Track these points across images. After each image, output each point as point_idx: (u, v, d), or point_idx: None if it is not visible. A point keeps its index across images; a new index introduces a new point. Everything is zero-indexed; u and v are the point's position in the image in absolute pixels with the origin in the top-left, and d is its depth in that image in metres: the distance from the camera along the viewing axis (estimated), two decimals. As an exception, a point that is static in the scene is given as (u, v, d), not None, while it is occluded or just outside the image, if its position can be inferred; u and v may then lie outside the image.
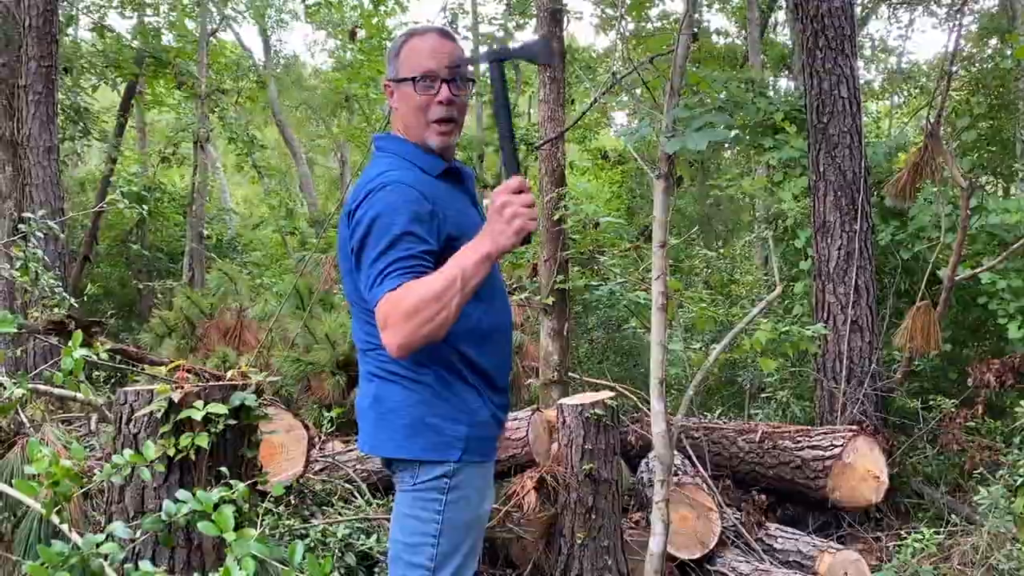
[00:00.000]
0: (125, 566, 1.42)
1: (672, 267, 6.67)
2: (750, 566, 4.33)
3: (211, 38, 14.90)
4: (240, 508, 1.51)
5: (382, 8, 15.42)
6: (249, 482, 1.87)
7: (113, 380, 4.04)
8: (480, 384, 2.21)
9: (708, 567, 4.42)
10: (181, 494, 1.53)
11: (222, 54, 16.40)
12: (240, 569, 1.21)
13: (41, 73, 7.64)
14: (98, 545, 1.35)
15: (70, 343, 1.68)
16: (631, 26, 13.21)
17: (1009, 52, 9.28)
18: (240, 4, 16.85)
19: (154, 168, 12.67)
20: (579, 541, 4.03)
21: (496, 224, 1.91)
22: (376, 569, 3.35)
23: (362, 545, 3.20)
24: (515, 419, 4.45)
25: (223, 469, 2.07)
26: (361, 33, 16.13)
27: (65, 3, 12.05)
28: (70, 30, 13.90)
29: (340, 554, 3.19)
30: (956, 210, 6.12)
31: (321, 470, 4.33)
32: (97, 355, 1.97)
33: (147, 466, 1.72)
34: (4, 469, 2.67)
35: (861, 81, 7.72)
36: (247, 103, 16.05)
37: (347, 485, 4.23)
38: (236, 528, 1.32)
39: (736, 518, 4.78)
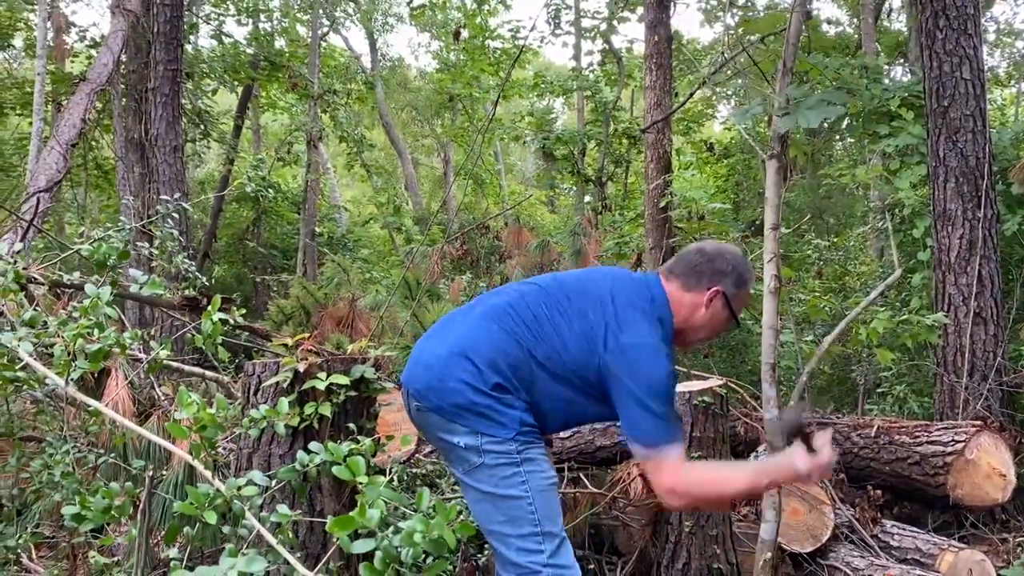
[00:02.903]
0: (260, 515, 1.51)
1: (783, 257, 6.51)
2: (865, 561, 4.20)
3: (322, 42, 15.42)
4: (368, 460, 1.58)
5: (485, 7, 15.60)
6: (374, 437, 1.95)
7: (236, 361, 4.24)
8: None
9: (820, 561, 4.31)
10: (314, 445, 1.62)
11: (332, 58, 16.94)
12: (373, 507, 1.27)
13: (168, 76, 8.09)
14: (239, 488, 1.44)
15: (209, 308, 1.79)
16: (737, 17, 12.94)
17: None
18: (348, 7, 17.35)
19: (269, 168, 13.21)
20: (687, 529, 3.98)
21: (793, 477, 2.34)
22: (485, 546, 3.41)
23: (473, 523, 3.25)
24: (622, 406, 4.44)
25: (351, 425, 2.16)
26: (464, 33, 16.36)
27: (187, 12, 12.68)
28: (191, 37, 14.63)
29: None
30: (1091, 196, 5.77)
31: (431, 451, 4.42)
32: (233, 320, 2.09)
33: (281, 420, 1.82)
34: (142, 439, 2.84)
35: (985, 66, 7.34)
36: (356, 104, 16.53)
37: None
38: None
39: (850, 514, 4.64)
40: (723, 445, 4.16)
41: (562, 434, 4.46)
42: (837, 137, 12.89)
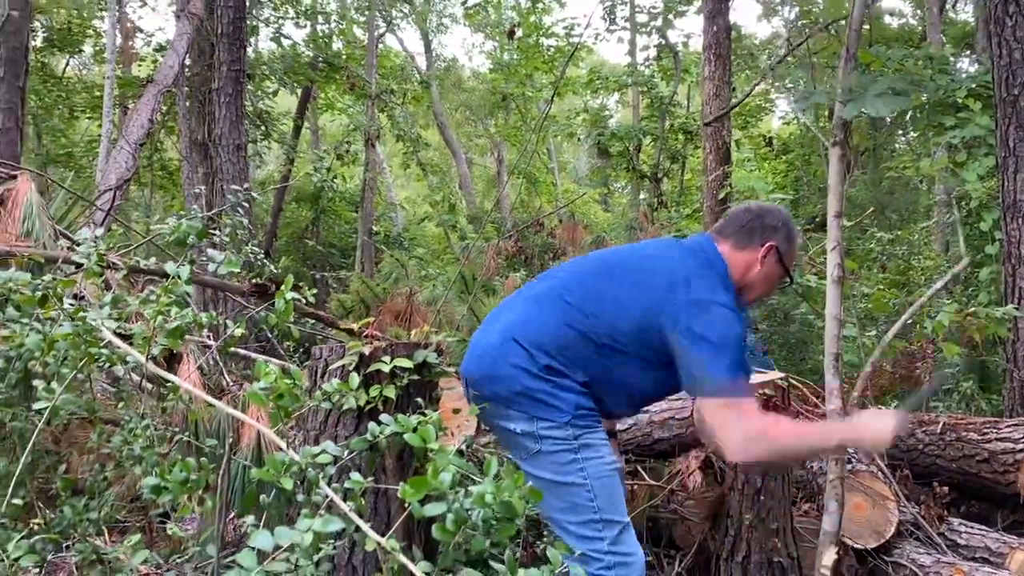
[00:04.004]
0: (332, 486, 1.55)
1: (847, 249, 6.40)
2: (931, 558, 4.11)
3: (378, 43, 15.63)
4: (438, 428, 1.62)
5: (539, 5, 15.63)
6: (439, 411, 1.99)
7: (301, 350, 4.34)
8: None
9: (884, 558, 4.23)
10: (384, 417, 1.66)
11: (388, 59, 17.16)
12: (444, 471, 1.31)
13: (231, 77, 8.30)
14: (314, 456, 1.49)
15: (281, 289, 1.85)
16: (796, 10, 12.75)
17: None
18: (404, 8, 17.55)
19: (325, 173, 13.46)
20: (747, 522, 3.94)
21: (874, 440, 2.28)
22: (544, 533, 3.43)
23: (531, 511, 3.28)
24: (680, 399, 4.42)
25: (418, 400, 2.20)
26: (519, 32, 16.41)
27: (248, 15, 12.98)
28: (252, 40, 14.96)
29: (510, 517, 3.29)
30: None
31: (490, 442, 4.46)
32: (305, 300, 2.15)
33: (351, 395, 1.87)
34: (213, 421, 2.93)
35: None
36: (412, 104, 16.72)
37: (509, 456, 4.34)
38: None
39: (915, 511, 4.54)
40: (784, 438, 4.11)
41: (619, 426, 4.45)
42: (900, 132, 12.62)
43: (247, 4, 9.30)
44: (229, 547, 2.82)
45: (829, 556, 2.99)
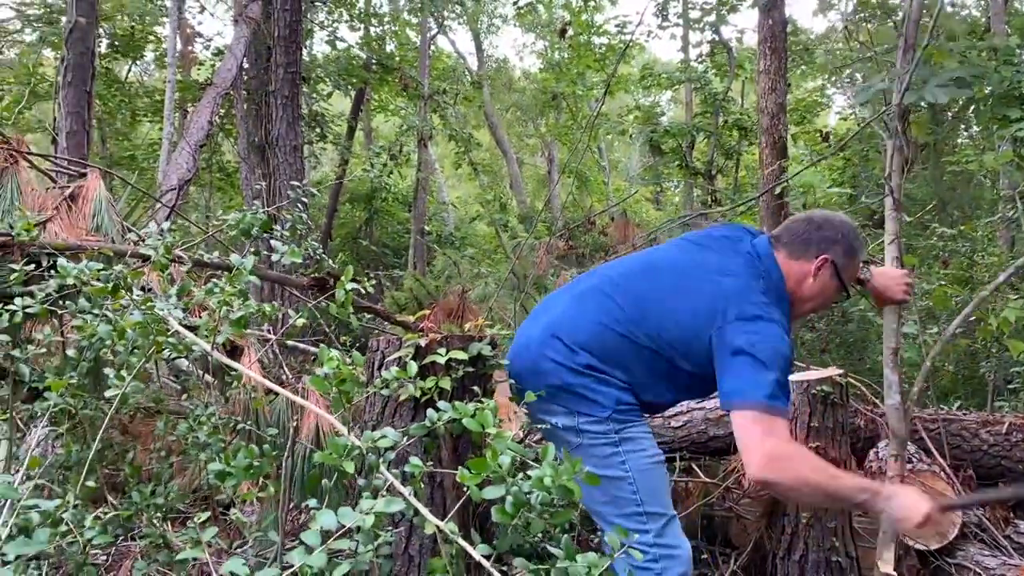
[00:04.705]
0: (391, 471, 1.58)
1: (905, 245, 6.26)
2: (997, 560, 4.00)
3: (430, 43, 15.76)
4: (495, 415, 1.64)
5: (591, 3, 15.59)
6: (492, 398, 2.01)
7: (356, 345, 4.40)
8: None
9: (948, 560, 4.13)
10: (442, 404, 1.69)
11: (440, 60, 17.30)
12: (503, 455, 1.33)
13: (288, 79, 8.46)
14: (374, 441, 1.52)
15: (342, 279, 1.89)
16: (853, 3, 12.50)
17: None
18: (456, 9, 17.67)
19: (382, 168, 13.60)
20: (804, 521, 3.90)
21: (907, 515, 2.12)
22: (598, 528, 3.43)
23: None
24: (735, 395, 4.37)
25: (475, 388, 2.23)
26: (570, 31, 16.39)
27: (304, 18, 13.21)
28: (307, 42, 15.21)
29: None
30: None
31: (539, 439, 4.47)
32: (365, 290, 2.19)
33: (409, 383, 1.90)
34: (274, 412, 3.00)
35: None
36: (464, 104, 16.83)
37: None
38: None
39: (980, 513, 4.43)
40: (842, 435, 4.04)
41: (673, 423, 4.43)
42: (962, 126, 12.28)
43: (303, 7, 9.46)
44: (289, 537, 2.89)
45: (888, 554, 2.93)
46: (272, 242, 2.13)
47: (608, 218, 12.55)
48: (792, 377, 4.16)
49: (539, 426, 2.46)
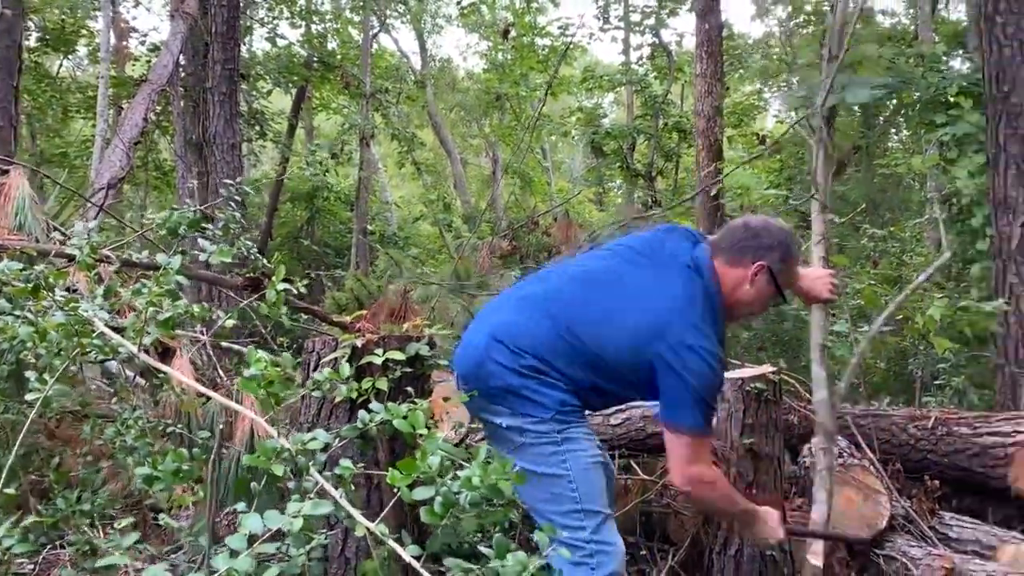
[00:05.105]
0: (323, 474, 1.57)
1: (837, 246, 6.44)
2: (922, 551, 4.13)
3: (373, 43, 15.64)
4: (427, 416, 1.64)
5: (534, 5, 15.65)
6: (428, 399, 2.01)
7: (294, 346, 4.35)
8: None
9: (876, 551, 4.25)
10: (374, 405, 1.68)
11: (383, 58, 17.17)
12: (433, 455, 1.33)
13: (225, 75, 8.32)
14: (304, 443, 1.50)
15: (273, 279, 1.86)
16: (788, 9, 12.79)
17: None
18: (398, 8, 17.57)
19: (318, 167, 13.44)
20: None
21: (758, 530, 2.71)
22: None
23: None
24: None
25: (408, 389, 2.22)
26: (513, 32, 16.43)
27: (242, 14, 12.99)
28: (246, 39, 14.95)
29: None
30: None
31: (481, 438, 4.47)
32: (297, 290, 2.16)
33: (342, 384, 1.88)
34: (207, 415, 2.95)
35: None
36: (406, 103, 16.73)
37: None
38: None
39: (907, 505, 4.57)
40: (776, 432, 4.12)
41: (612, 421, 4.47)
42: (892, 130, 12.66)
43: (241, 4, 9.31)
44: (223, 541, 2.84)
45: (817, 546, 3.01)
46: (200, 241, 2.10)
47: (551, 218, 12.62)
48: (728, 375, 4.25)
49: (483, 426, 2.49)
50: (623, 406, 4.37)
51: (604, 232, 11.62)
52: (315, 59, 14.07)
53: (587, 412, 2.52)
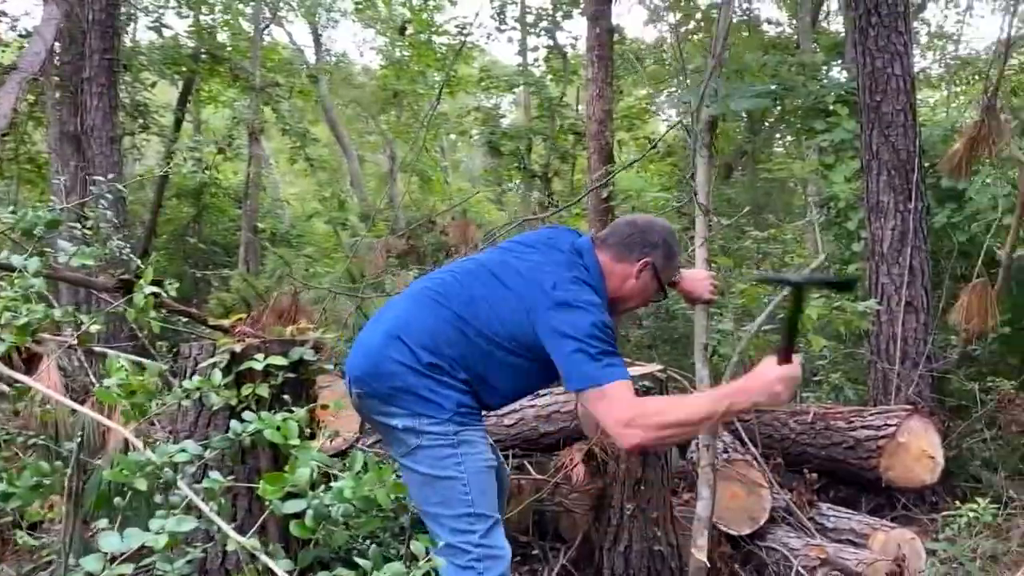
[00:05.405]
0: (193, 486, 1.50)
1: (722, 248, 6.64)
2: (801, 541, 4.31)
3: (264, 34, 15.21)
4: (302, 429, 1.59)
5: (431, 2, 15.55)
6: (308, 407, 1.95)
7: (175, 350, 4.18)
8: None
9: (759, 543, 4.40)
10: (247, 415, 1.62)
11: (275, 52, 16.73)
12: (303, 467, 1.28)
13: (103, 66, 7.93)
14: (171, 456, 1.43)
15: (141, 281, 1.77)
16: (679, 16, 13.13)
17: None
18: (292, 1, 17.15)
19: (196, 162, 12.96)
20: (628, 512, 4.03)
21: (765, 392, 2.23)
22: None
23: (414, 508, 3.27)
24: (564, 392, 4.48)
25: (285, 396, 2.16)
26: (410, 28, 16.30)
27: (125, 2, 12.41)
28: (129, 28, 14.30)
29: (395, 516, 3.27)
30: (1015, 190, 5.99)
31: (375, 441, 4.40)
32: (167, 293, 2.06)
33: (213, 392, 1.80)
34: (76, 425, 2.79)
35: (917, 68, 7.58)
36: (299, 98, 16.35)
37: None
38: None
39: (787, 497, 4.75)
40: (663, 429, 4.21)
41: (505, 421, 4.49)
42: (777, 136, 13.18)
43: (122, -10, 8.89)
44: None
45: (702, 541, 3.09)
46: (59, 242, 1.97)
47: (449, 218, 12.57)
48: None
49: (376, 429, 2.45)
50: (516, 405, 4.39)
51: (501, 232, 11.67)
52: (203, 51, 13.57)
53: (483, 414, 2.53)
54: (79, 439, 1.78)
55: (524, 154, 13.06)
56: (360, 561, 1.28)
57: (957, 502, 4.52)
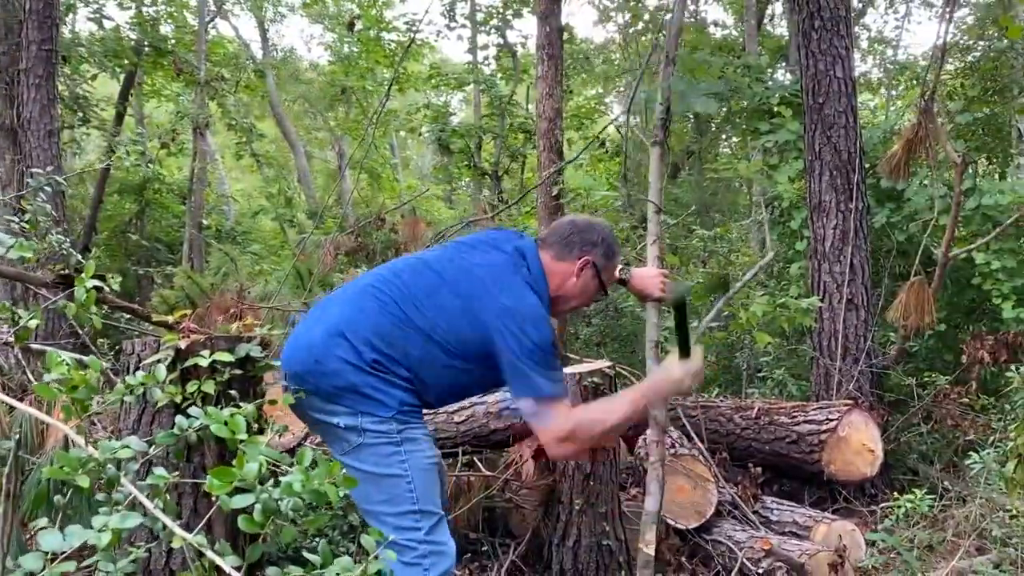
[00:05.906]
0: (137, 483, 1.47)
1: (670, 246, 6.72)
2: (746, 534, 4.39)
3: (209, 28, 14.92)
4: (250, 424, 1.56)
5: (380, -1, 15.45)
6: (256, 402, 1.92)
7: (117, 348, 4.08)
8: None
9: (705, 536, 4.48)
10: (193, 410, 1.59)
11: (221, 46, 16.43)
12: (252, 462, 1.26)
13: (41, 57, 7.70)
14: (114, 452, 1.40)
15: (82, 275, 1.72)
16: (629, 16, 13.26)
17: (1003, 33, 9.33)
18: (239, -5, 16.88)
19: (153, 158, 12.68)
20: (577, 507, 4.07)
21: (673, 386, 2.57)
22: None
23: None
24: (514, 390, 4.49)
25: (232, 392, 2.12)
26: (359, 24, 16.16)
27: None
28: (68, 19, 13.91)
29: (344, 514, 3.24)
30: (951, 192, 6.18)
31: (319, 441, 4.36)
32: (110, 288, 2.01)
33: (157, 388, 1.77)
34: (14, 423, 2.71)
35: (857, 72, 7.77)
36: (246, 93, 16.08)
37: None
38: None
39: (733, 491, 4.83)
40: (612, 425, 4.25)
41: (456, 418, 4.48)
42: (723, 136, 13.38)
43: (60, -21, 8.64)
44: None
45: (650, 536, 3.13)
46: (-1, 235, 1.92)
47: (399, 215, 12.49)
48: (565, 370, 4.34)
49: (314, 427, 2.43)
50: (467, 402, 4.39)
51: (451, 231, 11.64)
52: (146, 44, 13.26)
53: (425, 412, 2.53)
54: (16, 437, 1.73)
55: (474, 152, 13.05)
56: (309, 556, 1.27)
57: (895, 494, 4.64)
